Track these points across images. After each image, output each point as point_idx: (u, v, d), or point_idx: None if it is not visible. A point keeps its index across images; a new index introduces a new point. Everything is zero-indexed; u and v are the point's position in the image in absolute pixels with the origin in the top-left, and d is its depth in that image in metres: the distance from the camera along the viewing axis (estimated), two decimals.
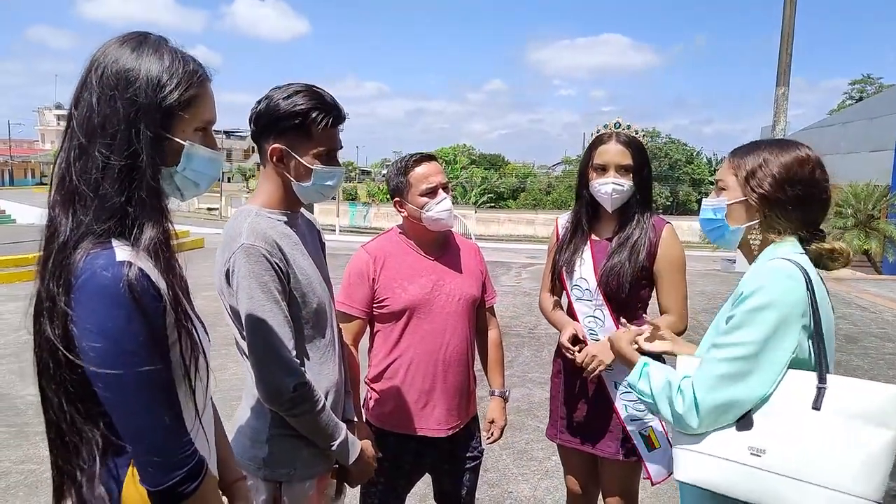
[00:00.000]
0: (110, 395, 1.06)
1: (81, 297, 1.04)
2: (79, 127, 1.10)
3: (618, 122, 2.29)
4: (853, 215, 17.41)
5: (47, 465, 3.97)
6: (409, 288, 2.24)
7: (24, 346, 6.48)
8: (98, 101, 1.09)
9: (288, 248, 1.65)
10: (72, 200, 1.09)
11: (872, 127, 19.72)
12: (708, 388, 1.45)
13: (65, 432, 1.11)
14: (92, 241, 1.07)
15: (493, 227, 38.60)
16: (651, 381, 1.60)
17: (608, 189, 2.24)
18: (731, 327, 1.45)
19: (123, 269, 1.04)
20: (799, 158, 1.53)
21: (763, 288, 1.43)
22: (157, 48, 1.14)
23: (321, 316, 1.74)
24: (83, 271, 1.04)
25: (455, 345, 2.29)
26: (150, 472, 1.10)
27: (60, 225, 1.08)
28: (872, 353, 6.86)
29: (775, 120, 12.47)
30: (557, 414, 2.47)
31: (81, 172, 1.08)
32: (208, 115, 1.21)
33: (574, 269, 2.36)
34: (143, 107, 1.10)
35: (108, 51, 1.12)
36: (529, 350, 6.72)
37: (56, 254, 1.07)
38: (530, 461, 4.09)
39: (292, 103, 1.62)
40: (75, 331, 1.04)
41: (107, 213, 1.08)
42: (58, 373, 1.08)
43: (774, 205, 1.53)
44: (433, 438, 2.29)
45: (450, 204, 2.24)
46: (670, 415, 1.53)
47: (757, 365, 1.41)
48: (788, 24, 12.05)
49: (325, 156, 1.70)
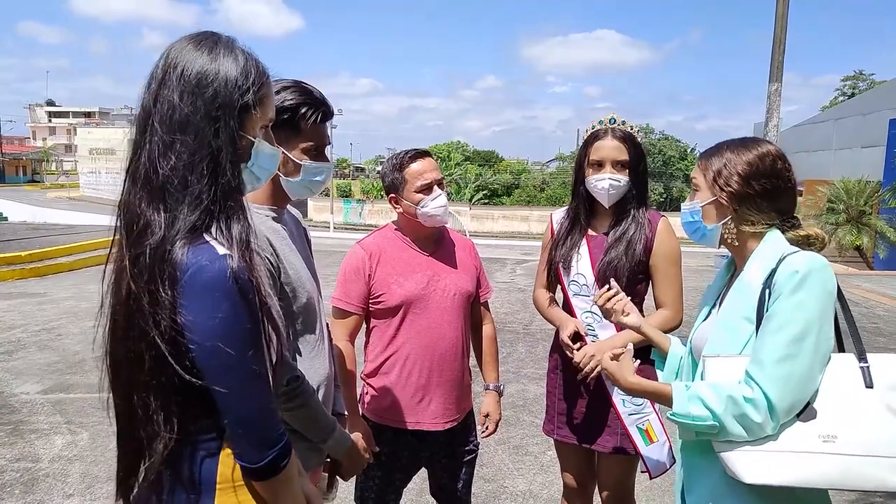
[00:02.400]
0: (222, 380, 1.10)
1: (190, 290, 1.07)
2: (160, 124, 1.12)
3: (613, 118, 2.30)
4: (845, 211, 17.51)
5: (43, 462, 3.97)
6: (405, 283, 2.26)
7: (17, 345, 6.47)
8: (180, 98, 1.13)
9: (277, 244, 1.66)
10: (162, 197, 1.11)
11: (864, 123, 19.84)
12: (781, 390, 1.41)
13: (152, 421, 1.15)
14: (188, 237, 1.10)
15: (487, 224, 38.64)
16: (706, 401, 1.47)
17: (605, 184, 2.26)
18: (784, 323, 1.43)
19: (227, 262, 1.09)
20: (760, 154, 1.60)
21: (814, 278, 1.45)
22: (232, 49, 1.19)
23: (311, 311, 1.75)
24: (189, 265, 1.07)
25: (451, 339, 2.30)
26: (251, 450, 1.15)
27: (153, 221, 1.10)
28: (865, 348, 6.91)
29: (768, 116, 12.50)
30: (554, 409, 2.48)
31: (170, 168, 1.11)
32: (272, 112, 1.28)
33: (571, 264, 2.37)
34: (223, 104, 1.14)
35: (185, 51, 1.16)
36: (524, 346, 6.75)
37: (153, 249, 1.09)
38: (526, 456, 4.11)
39: (281, 99, 1.63)
40: (185, 321, 1.08)
41: (200, 208, 1.11)
42: (155, 364, 1.11)
43: (744, 200, 1.59)
44: (430, 432, 2.31)
45: (445, 200, 2.26)
46: (743, 429, 1.44)
47: (815, 356, 1.44)
48: (781, 22, 12.09)
49: (313, 151, 1.72)
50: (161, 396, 1.14)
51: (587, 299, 2.34)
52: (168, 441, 1.15)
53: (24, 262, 10.99)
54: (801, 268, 1.45)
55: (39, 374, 5.54)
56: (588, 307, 2.34)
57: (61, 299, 8.55)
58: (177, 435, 1.15)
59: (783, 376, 1.42)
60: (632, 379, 1.66)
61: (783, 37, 12.14)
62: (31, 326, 7.17)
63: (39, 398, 4.98)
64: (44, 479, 3.69)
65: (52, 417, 4.60)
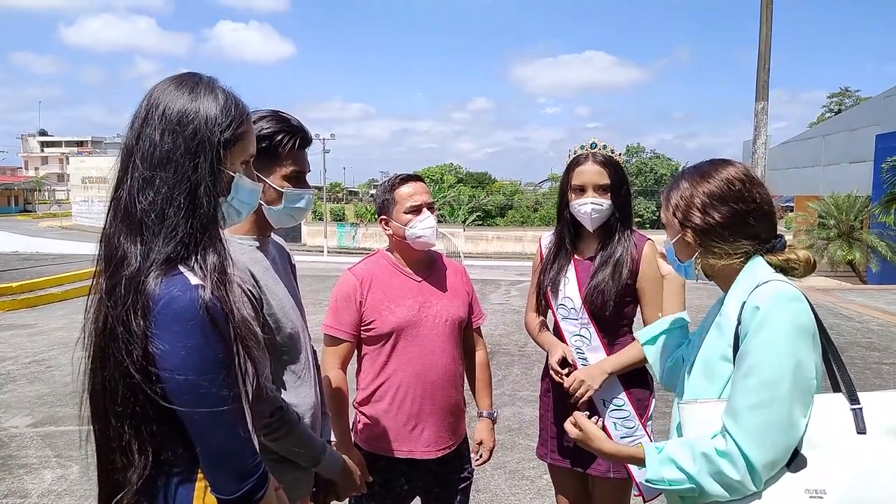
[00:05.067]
0: (193, 412, 1.11)
1: (162, 320, 1.09)
2: (142, 160, 1.16)
3: (594, 143, 2.33)
4: (836, 226, 17.64)
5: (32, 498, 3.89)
6: (396, 310, 2.25)
7: (6, 378, 6.37)
8: (161, 136, 1.17)
9: (260, 274, 1.66)
10: (139, 230, 1.14)
11: (852, 139, 20.07)
12: (757, 443, 1.27)
13: (126, 451, 1.16)
14: (162, 268, 1.12)
15: (481, 245, 38.74)
16: (679, 462, 1.36)
17: (587, 209, 2.28)
18: (752, 366, 1.31)
19: (199, 292, 1.11)
20: (719, 181, 1.47)
21: (779, 315, 1.31)
22: (212, 89, 1.23)
23: (295, 341, 1.74)
24: (161, 296, 1.10)
25: (443, 366, 2.29)
26: (225, 481, 1.16)
27: (129, 253, 1.13)
28: (859, 363, 6.91)
29: (756, 134, 12.65)
30: (547, 433, 2.47)
31: (148, 203, 1.14)
32: (252, 149, 1.32)
33: (559, 288, 2.38)
34: (202, 141, 1.18)
35: (167, 91, 1.21)
36: (519, 368, 6.71)
37: (128, 280, 1.12)
38: (522, 480, 4.07)
39: (258, 128, 1.63)
40: (156, 351, 1.09)
41: (175, 241, 1.14)
42: (128, 394, 1.12)
43: (706, 232, 1.46)
44: (423, 461, 2.28)
45: (433, 223, 2.26)
46: (722, 488, 1.30)
47: (794, 400, 1.29)
48: (765, 42, 12.29)
49: (294, 178, 1.72)
50: (135, 426, 1.15)
51: (575, 322, 2.35)
52: (142, 471, 1.15)
53: (15, 293, 10.89)
54: (763, 303, 1.32)
55: (29, 407, 5.46)
56: (577, 330, 2.34)
57: (52, 330, 8.45)
58: (151, 465, 1.16)
59: (758, 426, 1.27)
60: (606, 447, 1.56)
61: (768, 57, 12.33)
62: (21, 358, 7.08)
63: (29, 431, 4.91)
64: None
65: (41, 451, 4.52)
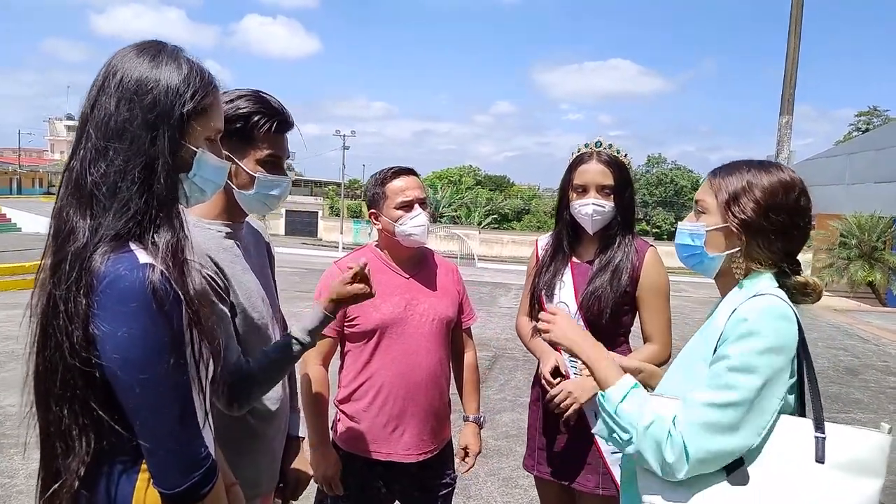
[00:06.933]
0: (133, 397, 1.05)
1: (106, 300, 1.03)
2: (96, 130, 1.10)
3: (599, 142, 2.22)
4: (857, 246, 17.27)
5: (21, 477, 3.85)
6: (381, 306, 2.16)
7: (9, 356, 6.38)
8: (117, 105, 1.10)
9: (227, 261, 1.58)
10: (89, 203, 1.08)
11: (878, 158, 19.64)
12: (697, 436, 1.27)
13: (66, 437, 1.10)
14: (111, 245, 1.06)
15: (496, 248, 38.68)
16: (638, 409, 1.35)
17: (588, 210, 2.16)
18: (725, 369, 1.29)
19: (147, 272, 1.04)
20: (784, 183, 1.39)
21: (764, 329, 1.29)
22: (175, 57, 1.16)
23: (261, 333, 1.66)
24: (106, 274, 1.03)
25: (428, 367, 2.20)
26: (167, 474, 1.09)
27: (77, 227, 1.07)
28: (873, 387, 6.72)
29: (779, 148, 12.42)
30: (535, 444, 2.37)
31: (100, 175, 1.08)
32: (218, 123, 1.24)
33: (554, 292, 2.27)
34: (161, 113, 1.11)
35: (127, 58, 1.14)
36: (522, 374, 6.61)
37: (73, 256, 1.05)
38: (515, 489, 3.97)
39: (234, 107, 1.55)
40: (97, 333, 1.03)
41: (126, 216, 1.07)
42: (69, 376, 1.06)
43: (757, 233, 1.38)
44: (403, 464, 2.20)
45: (425, 220, 2.17)
46: (656, 463, 1.31)
47: (752, 412, 1.27)
48: (793, 55, 12.06)
49: (269, 164, 1.63)
50: (74, 411, 1.08)
51: None
52: (82, 459, 1.08)
53: (28, 272, 11.01)
54: (752, 316, 1.30)
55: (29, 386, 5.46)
56: None
57: None
58: (92, 453, 1.09)
59: (706, 424, 1.27)
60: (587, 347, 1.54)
61: (794, 70, 12.10)
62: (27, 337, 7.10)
63: (26, 411, 4.89)
64: (17, 496, 3.58)
65: (36, 431, 4.50)
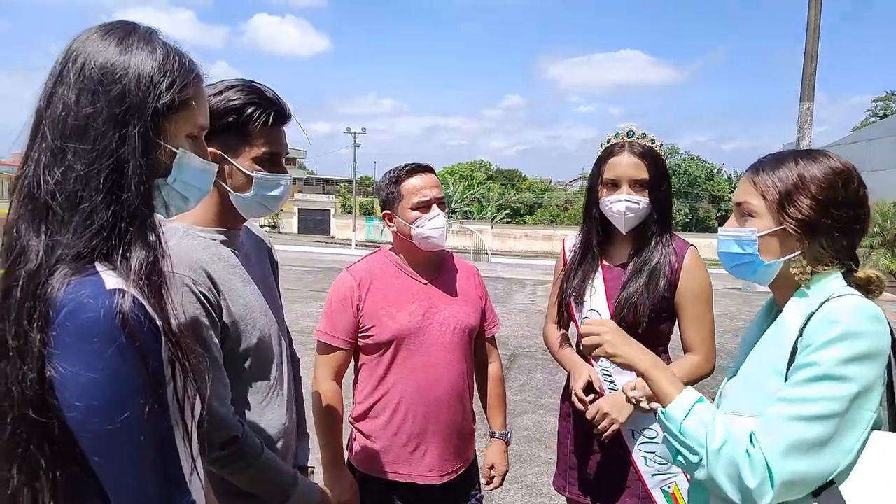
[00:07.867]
0: (101, 452, 0.88)
1: (65, 335, 0.84)
2: (52, 128, 0.91)
3: (631, 131, 2.01)
4: (880, 234, 16.90)
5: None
6: (398, 315, 1.99)
7: None
8: (77, 98, 0.92)
9: (223, 274, 1.41)
10: (44, 217, 0.89)
11: None
12: (782, 455, 1.14)
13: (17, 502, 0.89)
14: (72, 266, 0.88)
15: (509, 243, 38.51)
16: (706, 427, 1.20)
17: (621, 207, 1.96)
18: (812, 378, 1.15)
19: (115, 299, 0.86)
20: (840, 172, 1.26)
21: (860, 332, 1.16)
22: (149, 41, 0.97)
23: (264, 352, 1.49)
24: (65, 303, 0.85)
25: (449, 380, 2.03)
26: None
27: (29, 247, 0.88)
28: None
29: (799, 136, 12.12)
30: (566, 463, 2.18)
31: (56, 183, 0.89)
32: (202, 119, 1.05)
33: (584, 298, 2.08)
34: (132, 106, 0.93)
35: (90, 41, 0.95)
36: (542, 373, 6.43)
37: (26, 282, 0.87)
38: (540, 497, 3.80)
39: (224, 99, 1.38)
40: (55, 375, 0.84)
41: (90, 232, 0.89)
42: (20, 430, 0.86)
43: (819, 232, 1.25)
44: (425, 486, 2.03)
45: (443, 221, 2.00)
46: (733, 487, 1.16)
47: (844, 426, 1.14)
48: (813, 37, 11.73)
49: (267, 161, 1.45)
50: (27, 472, 0.87)
51: None
52: None
53: None
54: (844, 318, 1.17)
55: None
56: None
57: None
58: None
59: (791, 440, 1.13)
60: (640, 357, 1.38)
61: (815, 52, 11.78)
62: None
63: None
64: None
65: None
